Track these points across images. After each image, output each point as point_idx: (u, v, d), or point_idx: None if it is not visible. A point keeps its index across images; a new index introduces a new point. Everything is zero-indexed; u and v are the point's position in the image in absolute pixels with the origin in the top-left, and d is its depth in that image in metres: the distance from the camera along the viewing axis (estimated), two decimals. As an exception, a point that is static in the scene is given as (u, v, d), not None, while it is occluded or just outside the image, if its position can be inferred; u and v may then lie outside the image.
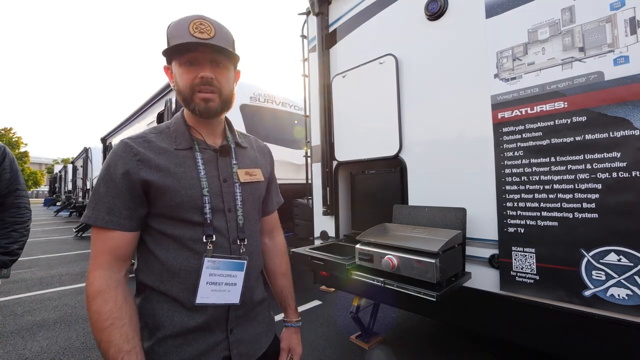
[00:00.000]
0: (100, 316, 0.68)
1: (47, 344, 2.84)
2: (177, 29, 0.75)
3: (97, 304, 0.68)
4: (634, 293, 1.25)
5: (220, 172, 0.84)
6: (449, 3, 1.83)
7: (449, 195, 1.83)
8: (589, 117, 1.35)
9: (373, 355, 2.53)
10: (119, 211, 0.74)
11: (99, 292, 0.69)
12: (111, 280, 0.72)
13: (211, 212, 0.79)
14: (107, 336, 0.67)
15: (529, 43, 1.52)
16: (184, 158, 0.80)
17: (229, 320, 0.83)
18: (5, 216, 1.56)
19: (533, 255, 1.50)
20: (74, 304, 3.82)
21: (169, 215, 0.77)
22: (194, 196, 0.78)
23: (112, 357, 0.65)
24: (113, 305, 0.69)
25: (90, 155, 12.46)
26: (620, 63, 1.27)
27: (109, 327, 0.67)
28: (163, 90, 5.55)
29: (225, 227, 0.82)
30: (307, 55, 2.83)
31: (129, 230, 0.76)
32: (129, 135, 0.81)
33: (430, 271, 1.41)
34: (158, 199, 0.76)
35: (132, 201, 0.75)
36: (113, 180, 0.74)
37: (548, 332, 1.50)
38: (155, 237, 0.79)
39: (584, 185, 1.35)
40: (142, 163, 0.75)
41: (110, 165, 0.76)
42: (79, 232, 9.38)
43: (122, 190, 0.74)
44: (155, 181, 0.75)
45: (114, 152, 0.77)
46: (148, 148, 0.78)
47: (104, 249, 0.74)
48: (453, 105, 1.81)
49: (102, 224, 0.73)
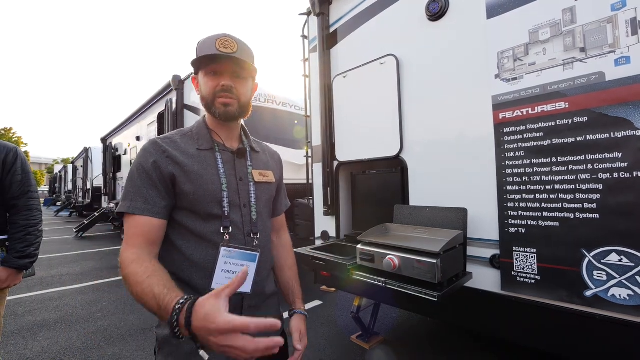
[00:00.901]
0: (137, 273, 0.72)
1: (48, 344, 2.84)
2: (205, 45, 0.86)
3: (132, 267, 0.73)
4: (635, 293, 1.25)
5: (237, 172, 0.93)
6: (450, 3, 1.83)
7: (450, 196, 1.83)
8: (590, 118, 1.35)
9: (374, 355, 2.53)
10: (152, 200, 0.82)
11: (133, 260, 0.75)
12: (144, 254, 0.77)
13: (229, 206, 0.88)
14: (148, 284, 0.69)
15: (530, 43, 1.52)
16: (206, 157, 0.89)
17: (243, 310, 0.88)
18: (18, 219, 1.58)
19: (534, 255, 1.50)
20: (74, 304, 3.83)
21: (191, 209, 0.85)
22: (215, 191, 0.87)
23: (155, 298, 0.67)
24: (148, 265, 0.74)
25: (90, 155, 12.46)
26: (622, 64, 1.28)
27: (149, 277, 0.71)
28: (163, 90, 5.56)
29: (241, 221, 0.90)
30: (308, 56, 2.83)
31: (161, 218, 0.83)
32: (158, 136, 0.91)
33: (432, 271, 1.41)
34: (183, 193, 0.84)
35: (164, 192, 0.83)
36: (147, 173, 0.83)
37: (549, 332, 1.50)
38: (177, 230, 0.86)
39: (585, 185, 1.36)
40: (170, 159, 0.85)
41: (142, 161, 0.84)
42: (80, 232, 9.38)
43: (154, 181, 0.83)
44: (180, 175, 0.84)
45: (145, 150, 0.86)
46: (174, 147, 0.87)
47: (137, 233, 0.80)
48: (454, 106, 1.82)
49: (140, 212, 0.80)
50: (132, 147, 7.48)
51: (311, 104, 2.76)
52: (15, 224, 1.57)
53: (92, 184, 11.88)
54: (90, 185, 12.06)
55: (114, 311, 3.58)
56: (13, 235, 1.56)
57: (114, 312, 3.54)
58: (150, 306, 0.69)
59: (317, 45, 2.59)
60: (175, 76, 5.06)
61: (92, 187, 11.91)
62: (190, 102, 4.89)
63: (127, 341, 2.85)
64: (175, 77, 5.05)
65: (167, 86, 5.37)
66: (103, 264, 5.89)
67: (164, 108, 5.30)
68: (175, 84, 5.02)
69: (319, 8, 2.51)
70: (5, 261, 1.53)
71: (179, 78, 5.04)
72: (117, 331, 3.06)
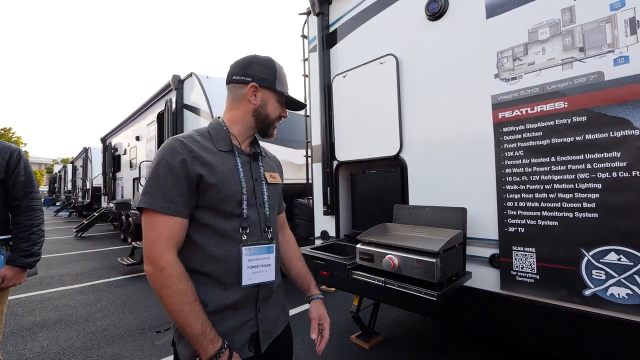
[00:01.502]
0: (187, 292, 0.81)
1: (47, 344, 2.84)
2: (283, 76, 1.02)
3: (182, 283, 0.81)
4: (634, 292, 1.25)
5: (252, 173, 0.99)
6: (450, 3, 1.83)
7: (449, 195, 1.83)
8: (589, 117, 1.35)
9: None
10: (176, 199, 0.84)
11: (181, 272, 0.82)
12: (180, 264, 0.84)
13: (247, 207, 0.93)
14: (196, 307, 0.81)
15: (529, 43, 1.52)
16: (227, 159, 0.94)
17: (258, 300, 0.95)
18: (22, 219, 1.60)
19: (533, 254, 1.50)
20: (74, 304, 3.82)
21: (213, 207, 0.89)
22: (236, 192, 0.92)
23: (202, 323, 0.80)
24: (192, 285, 0.83)
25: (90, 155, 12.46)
26: (620, 63, 1.28)
27: (195, 300, 0.82)
28: (163, 90, 5.55)
29: (258, 219, 0.97)
30: (308, 55, 2.83)
31: (184, 217, 0.86)
32: (178, 135, 0.92)
33: (431, 271, 1.41)
34: (206, 192, 0.88)
35: (187, 191, 0.86)
36: (173, 170, 0.85)
37: (548, 332, 1.50)
38: (197, 227, 0.90)
39: (584, 185, 1.36)
40: (196, 159, 0.87)
41: (168, 157, 0.86)
42: (79, 232, 9.37)
43: (180, 180, 0.85)
44: (206, 175, 0.87)
45: (170, 147, 0.87)
46: (199, 147, 0.90)
47: (170, 235, 0.84)
48: (453, 105, 1.82)
49: (163, 210, 0.83)
50: (132, 147, 7.48)
51: (311, 104, 2.76)
52: (19, 224, 1.59)
53: (92, 183, 11.88)
54: (90, 185, 12.05)
55: (113, 311, 3.58)
56: (17, 234, 1.58)
57: (114, 312, 3.54)
58: (194, 327, 0.79)
59: (316, 44, 2.59)
60: (175, 76, 5.06)
61: (91, 187, 11.91)
62: (189, 102, 4.89)
63: (127, 341, 2.85)
64: (175, 77, 5.04)
65: (166, 86, 5.36)
66: (102, 264, 5.89)
67: (164, 108, 5.30)
68: (174, 84, 5.02)
69: (319, 8, 2.51)
70: (11, 260, 1.56)
71: (178, 78, 5.04)
72: (116, 331, 3.06)
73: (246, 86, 0.96)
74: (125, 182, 8.07)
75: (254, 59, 0.99)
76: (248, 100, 0.97)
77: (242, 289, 0.91)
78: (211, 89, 4.51)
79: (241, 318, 0.92)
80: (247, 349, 0.91)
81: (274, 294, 1.03)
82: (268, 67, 0.98)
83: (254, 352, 0.93)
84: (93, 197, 11.79)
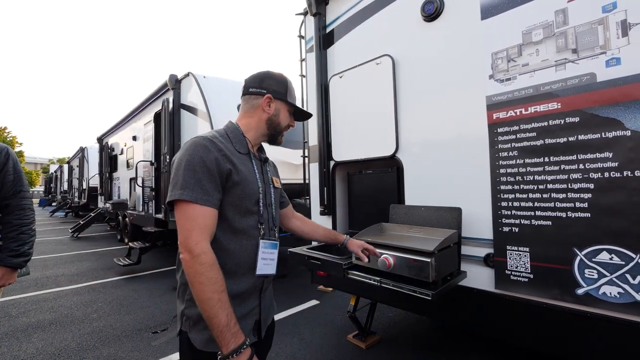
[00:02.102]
0: (217, 282, 0.86)
1: (42, 345, 2.82)
2: (292, 89, 1.16)
3: (214, 272, 0.87)
4: (625, 291, 1.27)
5: (264, 176, 1.10)
6: (445, 4, 1.84)
7: (444, 195, 1.84)
8: (581, 118, 1.37)
9: None
10: (212, 192, 0.92)
11: (214, 262, 0.88)
12: (213, 253, 0.90)
13: (263, 206, 1.04)
14: (224, 298, 0.86)
15: (523, 44, 1.53)
16: (246, 160, 1.04)
17: (262, 290, 1.06)
18: (11, 219, 1.58)
19: (527, 254, 1.51)
20: (70, 305, 3.80)
21: (235, 204, 0.97)
22: (256, 191, 1.02)
23: (227, 315, 0.85)
24: (222, 277, 0.89)
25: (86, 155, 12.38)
26: (612, 65, 1.30)
27: (224, 291, 0.87)
28: (160, 89, 5.53)
29: (267, 218, 1.07)
30: (305, 56, 2.84)
31: (217, 209, 0.94)
32: (200, 135, 0.99)
33: (426, 270, 1.42)
34: (232, 189, 0.96)
35: (221, 185, 0.94)
36: (207, 166, 0.92)
37: (542, 331, 1.52)
38: (217, 222, 0.96)
39: (577, 185, 1.37)
40: (225, 158, 0.96)
41: (202, 154, 0.93)
42: (75, 233, 9.31)
43: (214, 175, 0.93)
44: (234, 173, 0.96)
45: (202, 145, 0.94)
46: (224, 147, 0.98)
47: (206, 225, 0.90)
48: (449, 106, 1.83)
49: (202, 202, 0.90)
50: (129, 147, 7.44)
51: (308, 104, 2.76)
52: (8, 224, 1.57)
53: (88, 183, 11.80)
54: (86, 185, 11.98)
55: (109, 312, 3.56)
56: (6, 234, 1.56)
57: (110, 313, 3.52)
58: (220, 317, 0.83)
59: (313, 45, 2.60)
60: (172, 75, 5.04)
61: (88, 187, 11.84)
62: (187, 102, 4.88)
63: (123, 342, 2.84)
64: (172, 77, 5.03)
65: (163, 85, 5.35)
66: (99, 264, 5.86)
67: (161, 108, 5.28)
68: (172, 84, 5.00)
69: (316, 8, 2.52)
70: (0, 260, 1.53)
71: (175, 77, 5.02)
72: (112, 332, 3.04)
73: (262, 97, 1.08)
74: (122, 182, 8.03)
75: (268, 74, 1.11)
76: (262, 110, 1.09)
77: (252, 279, 1.00)
78: (208, 89, 4.50)
79: (248, 306, 1.01)
80: (252, 334, 1.01)
81: (270, 285, 1.15)
82: (281, 82, 1.11)
83: (257, 337, 1.03)
84: (89, 197, 11.72)
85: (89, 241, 8.62)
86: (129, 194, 7.27)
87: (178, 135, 4.94)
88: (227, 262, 0.96)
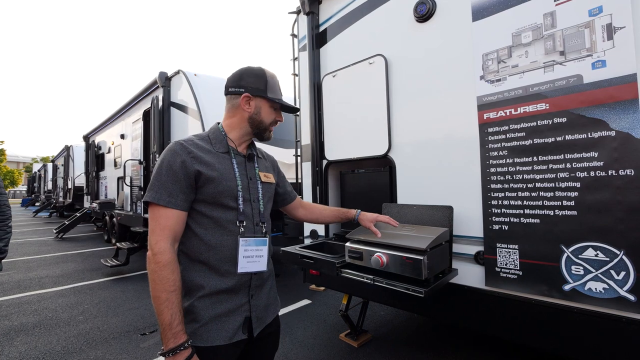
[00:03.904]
0: (168, 281, 0.89)
1: (25, 349, 2.74)
2: (274, 83, 1.11)
3: (167, 271, 0.89)
4: (610, 287, 1.31)
5: (247, 172, 1.10)
6: (437, 6, 1.87)
7: (436, 194, 1.87)
8: (569, 119, 1.40)
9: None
10: (176, 194, 0.95)
11: (169, 262, 0.90)
12: (174, 254, 0.93)
13: (242, 201, 1.04)
14: (172, 298, 0.88)
15: (513, 46, 1.57)
16: (224, 158, 1.05)
17: (250, 287, 1.05)
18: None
19: (516, 251, 1.55)
20: (54, 308, 3.70)
21: (211, 201, 1.00)
22: (232, 187, 1.02)
23: (172, 315, 0.87)
24: (177, 276, 0.92)
25: (71, 154, 12.06)
26: (598, 67, 1.33)
27: (173, 292, 0.89)
28: (149, 87, 5.44)
29: (251, 213, 1.07)
30: (298, 54, 2.83)
31: (183, 210, 0.97)
32: (181, 139, 1.04)
33: (419, 268, 1.43)
34: (205, 187, 0.98)
35: (186, 187, 0.97)
36: (173, 170, 0.96)
37: (531, 326, 1.55)
38: (196, 219, 1.00)
39: (564, 183, 1.41)
40: (195, 159, 0.98)
41: (170, 159, 0.97)
42: (60, 233, 9.06)
43: (180, 178, 0.96)
44: (204, 172, 0.98)
45: (172, 150, 0.99)
46: (197, 148, 1.01)
47: (167, 225, 0.94)
48: (441, 106, 1.85)
49: (165, 203, 0.94)
50: (116, 146, 7.29)
51: (300, 103, 2.76)
52: None
53: (74, 183, 11.50)
54: (72, 184, 11.67)
55: (96, 314, 3.48)
56: None
57: (97, 315, 3.44)
58: (164, 316, 0.86)
59: (306, 44, 2.60)
60: (162, 73, 4.96)
61: (73, 187, 11.54)
62: (177, 100, 4.81)
63: (111, 344, 2.78)
64: (162, 74, 4.95)
65: (153, 83, 5.25)
66: (85, 265, 5.71)
67: (150, 105, 5.19)
68: (162, 81, 4.92)
69: (309, 7, 2.51)
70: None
71: (165, 75, 4.94)
72: (99, 334, 2.97)
73: (240, 96, 1.07)
74: (109, 181, 7.86)
75: (246, 71, 1.09)
76: (242, 109, 1.08)
77: (237, 276, 1.00)
78: (199, 86, 4.45)
79: (235, 302, 1.01)
80: (240, 331, 1.00)
81: (267, 283, 1.14)
82: (259, 77, 1.08)
83: (247, 335, 1.02)
84: (75, 196, 11.42)
85: (75, 242, 8.39)
86: (117, 193, 7.11)
87: (168, 133, 4.87)
88: (210, 258, 0.98)
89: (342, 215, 1.43)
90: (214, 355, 0.95)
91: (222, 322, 0.97)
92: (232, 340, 0.97)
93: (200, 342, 0.94)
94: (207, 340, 0.95)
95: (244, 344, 1.02)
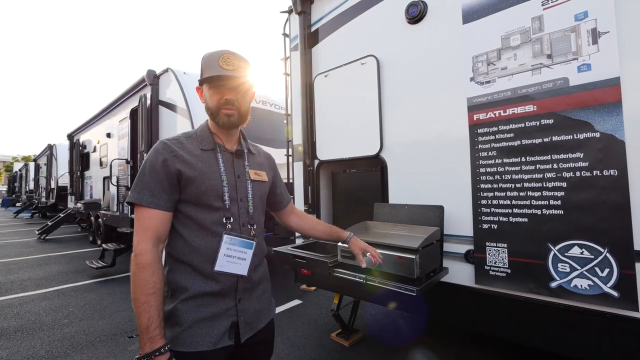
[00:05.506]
0: (147, 284, 0.86)
1: (7, 354, 2.64)
2: (210, 61, 0.97)
3: (146, 273, 0.86)
4: (594, 283, 1.35)
5: (235, 170, 1.04)
6: (429, 8, 1.89)
7: (427, 194, 1.89)
8: (555, 120, 1.44)
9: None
10: (159, 194, 0.93)
11: (149, 264, 0.87)
12: (156, 255, 0.90)
13: (229, 200, 0.99)
14: (150, 301, 0.85)
15: (502, 49, 1.60)
16: (209, 157, 1.01)
17: (237, 291, 0.99)
18: None
19: (505, 250, 1.58)
20: (37, 311, 3.58)
21: (194, 201, 0.96)
22: (216, 186, 0.97)
23: (149, 318, 0.83)
24: (157, 278, 0.88)
25: (55, 153, 11.71)
26: (583, 70, 1.37)
27: (152, 294, 0.85)
28: (137, 85, 5.32)
29: (237, 213, 1.01)
30: (289, 54, 2.82)
31: (166, 210, 0.94)
32: (165, 137, 1.00)
33: (411, 267, 1.45)
34: (187, 187, 0.95)
35: (169, 187, 0.94)
36: (155, 170, 0.93)
37: (519, 323, 1.58)
38: (181, 220, 0.97)
39: (551, 183, 1.45)
40: (177, 158, 0.95)
41: (152, 158, 0.95)
42: (42, 235, 8.77)
43: (162, 178, 0.93)
44: (186, 171, 0.94)
45: (155, 149, 0.97)
46: (181, 147, 0.98)
47: (150, 226, 0.91)
48: (431, 107, 1.88)
49: (147, 204, 0.91)
50: (102, 144, 7.10)
51: (292, 103, 2.75)
52: None
53: (57, 183, 11.16)
54: (55, 184, 11.33)
55: (81, 317, 3.38)
56: None
57: (82, 318, 3.35)
58: (142, 319, 0.83)
59: (298, 43, 2.59)
60: (150, 71, 4.86)
61: (56, 187, 11.20)
62: (165, 98, 4.72)
63: (97, 347, 2.71)
64: (150, 72, 4.85)
65: (140, 81, 5.14)
66: (69, 267, 5.55)
67: (138, 104, 5.08)
68: (149, 79, 4.82)
69: (301, 7, 2.50)
70: None
71: (153, 73, 4.85)
72: (85, 338, 2.89)
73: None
74: (94, 181, 7.65)
75: None
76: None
77: (222, 279, 0.96)
78: (189, 85, 4.38)
79: (221, 306, 0.96)
80: (226, 337, 0.95)
81: (258, 287, 1.08)
82: (201, 64, 1.00)
83: (233, 340, 0.97)
84: (58, 197, 11.09)
85: (58, 243, 8.14)
86: (103, 193, 6.94)
87: (156, 132, 4.77)
88: (194, 260, 0.95)
89: (334, 234, 1.34)
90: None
91: (206, 327, 0.92)
92: (217, 346, 0.92)
93: (182, 347, 0.89)
94: (190, 345, 0.90)
95: (230, 350, 0.96)
